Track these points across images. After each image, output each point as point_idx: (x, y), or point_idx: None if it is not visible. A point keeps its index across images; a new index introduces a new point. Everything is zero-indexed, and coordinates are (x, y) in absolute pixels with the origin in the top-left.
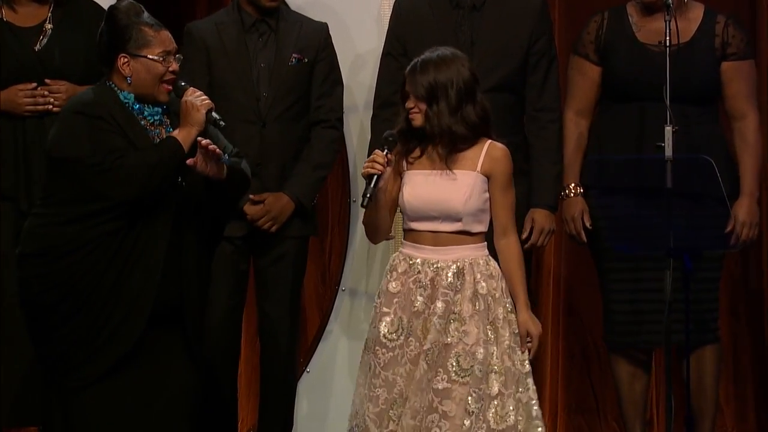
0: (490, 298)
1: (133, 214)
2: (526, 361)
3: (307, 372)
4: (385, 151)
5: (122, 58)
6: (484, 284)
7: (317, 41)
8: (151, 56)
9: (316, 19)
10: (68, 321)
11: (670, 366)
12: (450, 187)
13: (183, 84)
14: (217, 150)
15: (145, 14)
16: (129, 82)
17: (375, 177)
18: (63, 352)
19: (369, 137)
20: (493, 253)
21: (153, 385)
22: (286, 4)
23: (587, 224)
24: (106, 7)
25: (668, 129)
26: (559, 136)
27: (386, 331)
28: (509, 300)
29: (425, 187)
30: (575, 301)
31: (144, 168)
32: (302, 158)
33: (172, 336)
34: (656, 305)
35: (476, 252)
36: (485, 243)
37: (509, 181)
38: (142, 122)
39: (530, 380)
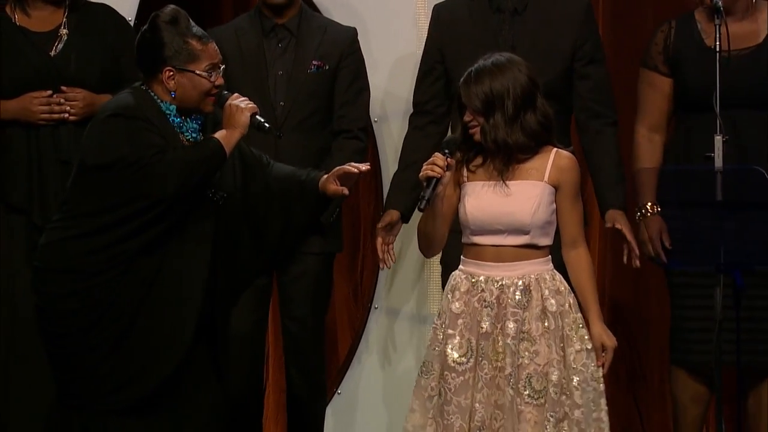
0: (558, 315)
1: (169, 233)
2: (600, 379)
3: (338, 393)
4: (446, 154)
5: (167, 72)
6: (552, 301)
7: (342, 47)
8: (198, 71)
9: (349, 24)
10: (103, 346)
11: (721, 389)
12: (516, 199)
13: (225, 93)
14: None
15: (192, 24)
16: (173, 95)
17: (434, 181)
18: (94, 378)
19: (401, 147)
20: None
21: (183, 405)
22: (313, 8)
23: (666, 244)
24: (116, 9)
25: (718, 138)
26: (616, 140)
27: (456, 355)
28: (579, 315)
29: (489, 198)
30: (620, 319)
31: (183, 164)
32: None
33: (201, 353)
34: (724, 323)
35: (542, 267)
36: (550, 257)
37: (578, 190)
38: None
39: (603, 400)
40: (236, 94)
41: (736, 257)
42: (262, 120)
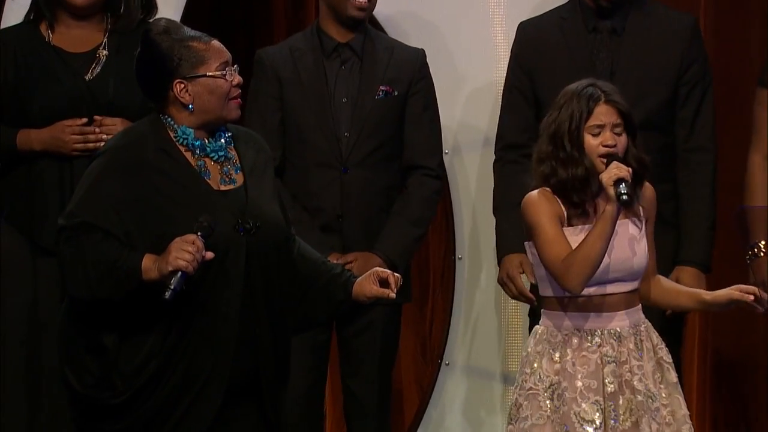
0: (670, 367)
1: (201, 284)
2: None
3: None
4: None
5: (178, 85)
6: (666, 351)
7: (411, 71)
8: (210, 73)
9: (418, 45)
10: (136, 405)
11: None
12: (629, 241)
13: (208, 224)
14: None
15: (186, 28)
16: (191, 109)
17: (627, 182)
18: None
19: (476, 184)
20: None
21: None
22: (376, 27)
23: None
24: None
25: None
26: (712, 183)
27: (587, 422)
28: (675, 373)
29: None
30: (725, 373)
31: (90, 264)
32: (396, 211)
33: (249, 412)
34: None
35: (642, 315)
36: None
37: None
38: (201, 161)
39: None
40: (194, 237)
41: None
42: (171, 286)
